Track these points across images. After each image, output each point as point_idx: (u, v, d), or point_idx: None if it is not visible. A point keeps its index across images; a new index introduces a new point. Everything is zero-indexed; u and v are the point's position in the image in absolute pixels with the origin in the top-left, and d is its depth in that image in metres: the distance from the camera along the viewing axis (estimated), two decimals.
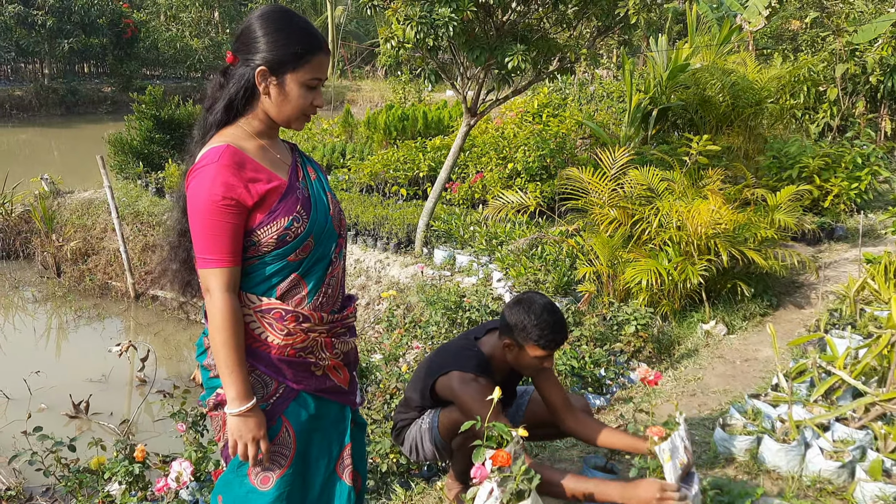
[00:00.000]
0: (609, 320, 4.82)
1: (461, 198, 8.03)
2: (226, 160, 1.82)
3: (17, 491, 4.41)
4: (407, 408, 2.83)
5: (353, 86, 26.95)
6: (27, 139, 19.63)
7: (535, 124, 9.23)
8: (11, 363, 6.66)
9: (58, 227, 9.27)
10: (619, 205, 5.54)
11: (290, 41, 1.88)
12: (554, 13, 6.40)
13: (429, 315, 4.82)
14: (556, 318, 2.54)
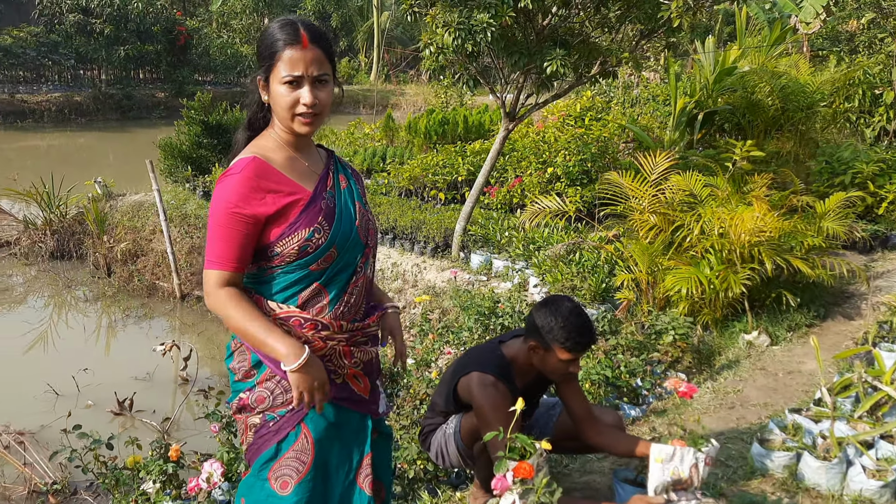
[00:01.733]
0: (647, 329, 4.73)
1: (499, 202, 8.00)
2: (248, 172, 1.87)
3: (62, 485, 4.54)
4: (433, 413, 2.82)
5: (398, 90, 27.13)
6: (85, 143, 20.25)
7: (577, 128, 9.14)
8: (63, 360, 6.85)
9: (109, 228, 9.53)
10: (659, 211, 5.43)
11: (263, 45, 1.90)
12: (596, 17, 6.33)
13: (462, 320, 4.79)
14: (583, 321, 2.51)
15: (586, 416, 2.65)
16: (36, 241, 9.72)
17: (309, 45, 1.85)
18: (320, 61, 1.87)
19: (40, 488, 4.56)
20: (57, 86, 24.53)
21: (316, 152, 2.09)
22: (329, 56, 1.91)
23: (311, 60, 1.85)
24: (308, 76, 1.86)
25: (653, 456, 2.41)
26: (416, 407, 3.56)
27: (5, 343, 7.31)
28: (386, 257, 7.23)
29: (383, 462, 2.22)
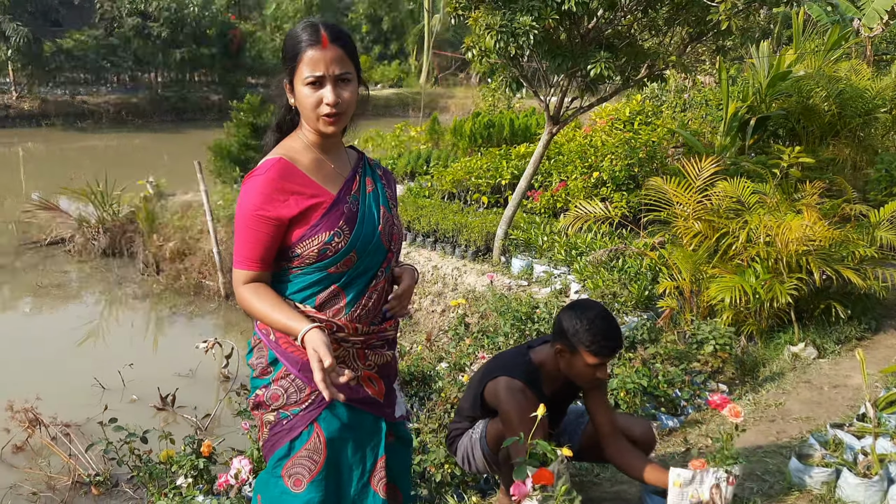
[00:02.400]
0: (688, 338, 4.63)
1: (542, 206, 7.93)
2: (272, 173, 1.88)
3: (104, 477, 4.66)
4: (460, 417, 2.81)
5: (447, 93, 27.20)
6: (140, 144, 20.81)
7: (626, 132, 9.01)
8: (111, 355, 7.01)
9: (159, 227, 9.75)
10: (704, 217, 5.31)
11: (286, 47, 1.92)
12: (643, 19, 6.23)
13: (499, 325, 4.76)
14: (610, 325, 2.47)
15: (609, 432, 2.60)
16: (90, 239, 10.02)
17: (329, 45, 1.85)
18: (341, 60, 1.87)
19: (84, 479, 4.68)
20: (115, 88, 25.31)
21: (345, 154, 2.08)
22: (351, 55, 1.91)
23: (332, 60, 1.85)
24: (330, 75, 1.86)
25: (671, 480, 2.35)
26: (446, 411, 3.54)
27: (60, 337, 7.55)
28: (427, 260, 7.23)
29: (400, 466, 2.20)
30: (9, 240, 10.61)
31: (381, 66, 32.48)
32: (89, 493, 4.61)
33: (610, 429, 2.61)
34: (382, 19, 33.74)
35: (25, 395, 5.09)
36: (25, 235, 10.63)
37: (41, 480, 4.77)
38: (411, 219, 7.75)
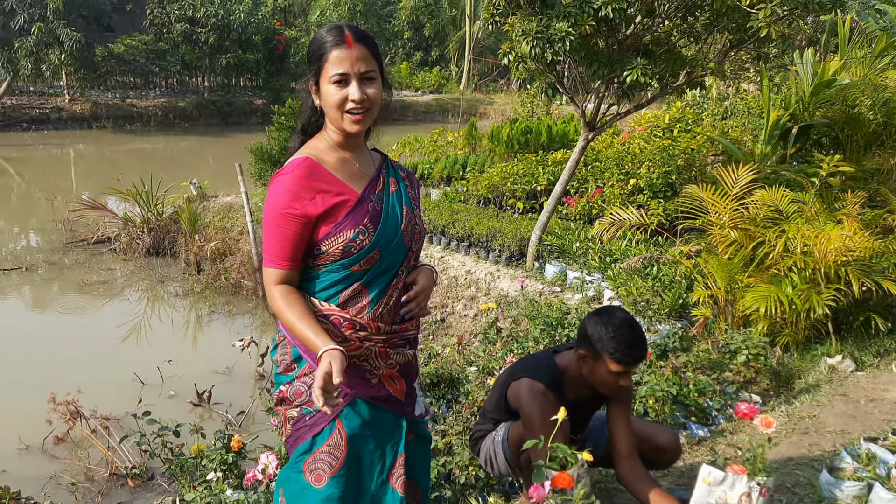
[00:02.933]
0: (721, 348, 4.57)
1: (578, 213, 7.90)
2: (299, 172, 1.93)
3: (140, 470, 4.77)
4: (484, 419, 2.83)
5: (486, 99, 27.21)
6: (186, 146, 21.25)
7: (664, 139, 8.94)
8: (151, 351, 7.18)
9: (201, 228, 9.95)
10: (740, 226, 5.25)
11: (312, 49, 1.97)
12: (682, 26, 6.18)
13: (529, 330, 4.76)
14: (635, 332, 2.46)
15: (624, 451, 2.57)
16: (134, 238, 10.27)
17: (354, 44, 1.91)
18: (366, 59, 1.92)
19: (120, 471, 4.80)
20: (163, 91, 25.89)
21: (369, 155, 2.13)
22: (375, 55, 1.96)
23: (357, 58, 1.91)
24: (355, 73, 1.91)
25: (701, 476, 2.33)
26: (473, 413, 3.56)
27: (103, 332, 7.76)
28: (460, 265, 7.26)
29: (420, 464, 2.23)
30: (58, 237, 10.93)
31: (422, 72, 32.64)
32: (126, 486, 4.73)
33: (626, 448, 2.59)
34: (424, 26, 33.90)
35: (68, 388, 5.24)
36: (74, 234, 10.95)
37: (80, 471, 4.90)
38: (446, 223, 7.79)
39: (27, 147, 19.89)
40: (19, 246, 11.21)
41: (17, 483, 3.95)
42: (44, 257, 10.12)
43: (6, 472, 4.84)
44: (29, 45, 20.36)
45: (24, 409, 5.52)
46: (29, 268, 9.57)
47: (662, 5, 5.81)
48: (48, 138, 21.11)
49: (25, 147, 19.86)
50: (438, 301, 7.06)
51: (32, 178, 16.41)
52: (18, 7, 20.42)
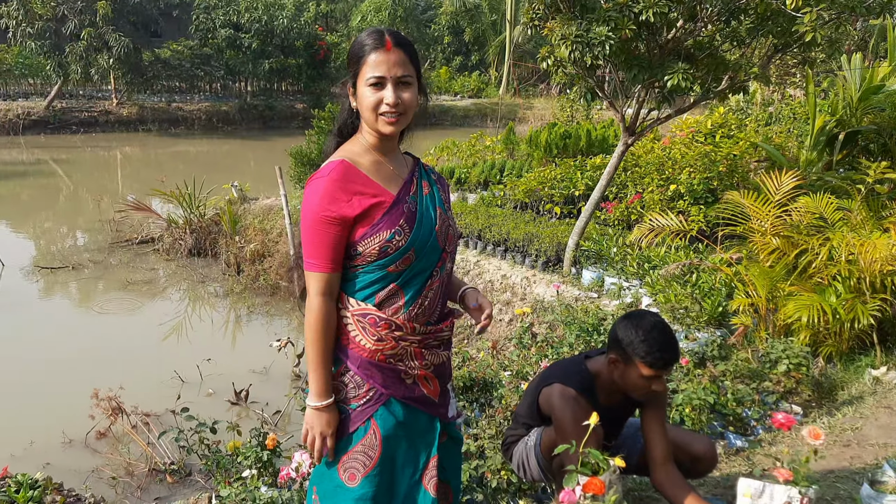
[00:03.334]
0: (761, 357, 4.49)
1: (616, 218, 7.83)
2: (335, 175, 1.95)
3: (179, 466, 4.86)
4: (516, 424, 2.81)
5: (525, 104, 27.15)
6: (229, 150, 21.61)
7: (706, 145, 8.82)
8: (191, 350, 7.31)
9: (241, 229, 10.12)
10: (782, 233, 5.15)
11: (351, 52, 1.99)
12: (726, 30, 6.09)
13: (565, 335, 4.73)
14: (666, 336, 2.43)
15: (660, 457, 2.53)
16: (177, 239, 10.48)
17: (392, 48, 1.93)
18: (403, 63, 1.94)
19: (159, 467, 4.90)
20: (207, 96, 26.37)
21: (402, 158, 2.15)
22: (413, 60, 1.98)
23: (395, 62, 1.93)
24: (391, 77, 1.93)
25: (740, 490, 2.28)
26: (506, 418, 3.55)
27: (145, 331, 7.92)
28: (496, 269, 7.25)
29: (453, 466, 2.24)
30: (104, 237, 11.21)
31: (461, 76, 32.71)
32: (164, 481, 4.81)
33: (662, 454, 2.55)
34: (464, 31, 33.98)
35: (110, 384, 5.36)
36: (119, 234, 11.21)
37: (120, 466, 5.01)
38: (482, 227, 7.79)
39: (76, 149, 20.43)
40: (67, 245, 11.52)
41: (59, 475, 4.05)
42: (90, 256, 10.38)
43: (50, 464, 4.97)
44: (79, 50, 20.93)
45: (68, 405, 5.68)
46: (76, 266, 9.83)
47: (705, 9, 5.74)
48: (96, 141, 21.66)
49: (74, 149, 20.41)
50: None
51: (80, 179, 16.86)
52: (69, 13, 20.99)
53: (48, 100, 22.50)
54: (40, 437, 5.35)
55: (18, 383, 6.38)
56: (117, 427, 5.36)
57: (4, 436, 5.35)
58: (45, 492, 3.36)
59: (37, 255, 10.64)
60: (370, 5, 28.73)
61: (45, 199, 14.87)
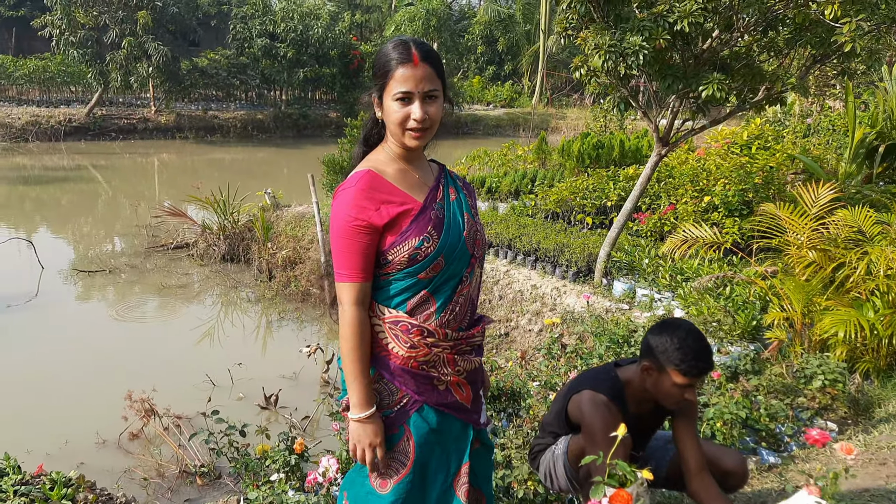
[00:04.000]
0: (796, 372, 4.40)
1: (649, 229, 7.76)
2: (362, 185, 1.96)
3: (209, 468, 4.91)
4: (544, 432, 2.80)
5: (558, 114, 27.10)
6: (263, 157, 21.89)
7: (742, 156, 8.71)
8: (223, 354, 7.38)
9: (273, 236, 10.22)
10: (819, 247, 5.05)
11: (378, 64, 1.99)
12: (763, 40, 6.01)
13: (595, 347, 4.69)
14: (701, 344, 2.40)
15: (695, 467, 2.49)
16: (211, 244, 10.62)
17: (420, 63, 1.92)
18: (430, 78, 1.94)
19: (190, 469, 4.95)
20: (243, 104, 26.78)
21: (427, 165, 2.16)
22: (439, 73, 1.98)
23: (422, 77, 1.92)
24: (419, 92, 1.93)
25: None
26: (533, 428, 3.52)
27: (179, 334, 8.03)
28: (526, 279, 7.22)
29: (484, 473, 2.24)
30: (140, 242, 11.41)
31: (493, 86, 32.76)
32: (194, 483, 4.86)
33: (696, 463, 2.51)
34: (498, 40, 34.05)
35: (143, 386, 5.45)
36: (155, 239, 11.41)
37: (152, 467, 5.07)
38: (513, 237, 7.77)
39: (115, 155, 20.85)
40: (104, 249, 11.74)
41: (93, 475, 4.10)
42: (126, 261, 10.57)
43: (84, 464, 5.05)
44: (119, 58, 21.40)
45: (102, 406, 5.77)
46: (112, 270, 10.01)
47: (741, 19, 5.68)
48: (134, 147, 22.09)
49: (113, 155, 20.82)
50: (503, 315, 7.05)
51: (119, 184, 17.20)
52: (111, 22, 21.48)
53: (89, 107, 23.04)
54: (75, 436, 5.44)
55: (55, 384, 6.50)
56: (149, 429, 5.43)
57: (40, 435, 5.46)
58: (77, 490, 3.41)
59: (75, 259, 10.85)
60: (404, 15, 28.94)
61: (85, 204, 15.20)
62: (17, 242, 10.91)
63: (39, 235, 12.34)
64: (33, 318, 8.16)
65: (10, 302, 8.46)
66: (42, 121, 22.12)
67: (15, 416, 5.89)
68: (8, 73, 23.38)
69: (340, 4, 32.39)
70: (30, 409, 6.04)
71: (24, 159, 19.72)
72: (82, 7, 21.11)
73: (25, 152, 20.54)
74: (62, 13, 21.07)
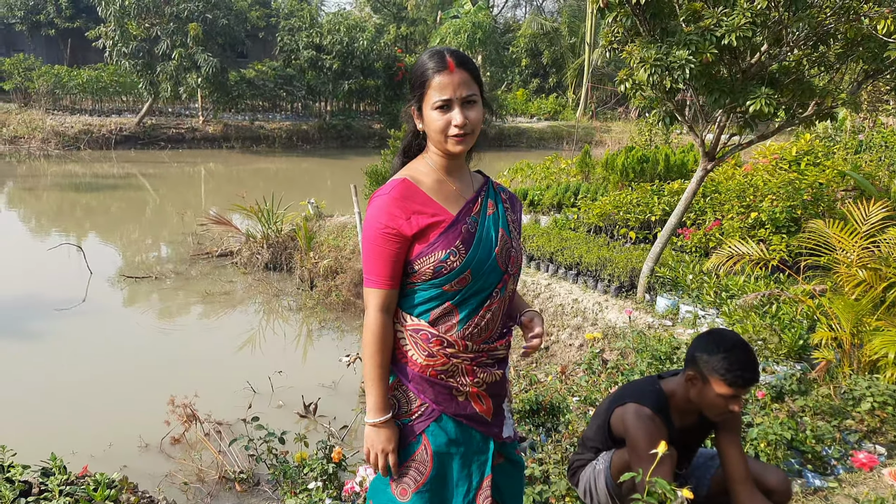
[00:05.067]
0: (844, 393, 4.28)
1: (693, 245, 7.64)
2: (396, 193, 1.98)
3: (248, 475, 4.95)
4: (584, 448, 2.76)
5: (603, 127, 26.93)
6: (307, 168, 22.18)
7: (790, 172, 8.54)
8: (264, 361, 7.47)
9: (316, 245, 10.33)
10: (870, 265, 4.92)
11: (414, 75, 2.01)
12: (813, 55, 5.90)
13: (637, 363, 4.63)
14: (748, 355, 2.36)
15: (741, 479, 2.45)
16: (254, 253, 10.78)
17: (456, 69, 1.94)
18: (467, 83, 1.96)
19: (229, 475, 5.00)
20: (289, 115, 27.22)
21: (469, 177, 2.16)
22: (476, 78, 1.99)
23: (459, 83, 1.94)
24: (457, 98, 1.94)
25: None
26: (573, 443, 3.49)
27: (222, 341, 8.15)
28: (567, 293, 7.17)
29: (511, 489, 2.21)
30: (186, 250, 11.64)
31: (537, 99, 32.71)
32: (233, 489, 4.91)
33: (742, 475, 2.46)
34: (542, 53, 34.04)
35: (186, 391, 5.53)
36: (200, 246, 11.62)
37: (192, 472, 5.13)
38: (554, 250, 7.73)
39: (163, 164, 21.34)
40: (151, 256, 12.00)
41: (135, 477, 4.18)
42: (172, 267, 10.78)
43: (127, 466, 5.14)
44: (170, 69, 21.95)
45: (146, 410, 5.87)
46: (158, 277, 10.22)
47: (791, 34, 5.58)
48: (182, 157, 22.60)
49: (162, 164, 21.32)
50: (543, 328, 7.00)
51: (166, 193, 17.59)
52: (162, 34, 22.07)
53: (139, 116, 23.67)
54: (119, 439, 5.55)
55: (100, 387, 6.65)
56: (191, 434, 5.51)
57: (85, 437, 5.58)
58: (120, 492, 3.48)
59: (123, 265, 11.12)
60: (449, 27, 29.11)
61: (133, 212, 15.57)
62: (68, 248, 11.22)
63: (89, 241, 12.67)
64: (81, 323, 8.36)
65: (59, 306, 8.70)
66: (94, 129, 22.80)
67: (62, 417, 6.04)
68: (63, 83, 24.16)
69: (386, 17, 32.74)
70: (76, 411, 6.18)
71: (76, 167, 20.31)
72: (135, 19, 21.73)
73: (77, 160, 21.16)
74: (116, 25, 21.72)
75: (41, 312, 8.54)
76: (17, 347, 7.52)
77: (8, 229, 13.61)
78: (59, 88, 24.43)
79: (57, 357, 7.33)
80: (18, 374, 6.84)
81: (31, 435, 5.53)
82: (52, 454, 3.60)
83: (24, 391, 6.47)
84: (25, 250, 11.86)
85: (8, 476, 3.30)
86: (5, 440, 3.70)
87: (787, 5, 5.12)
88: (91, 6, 25.73)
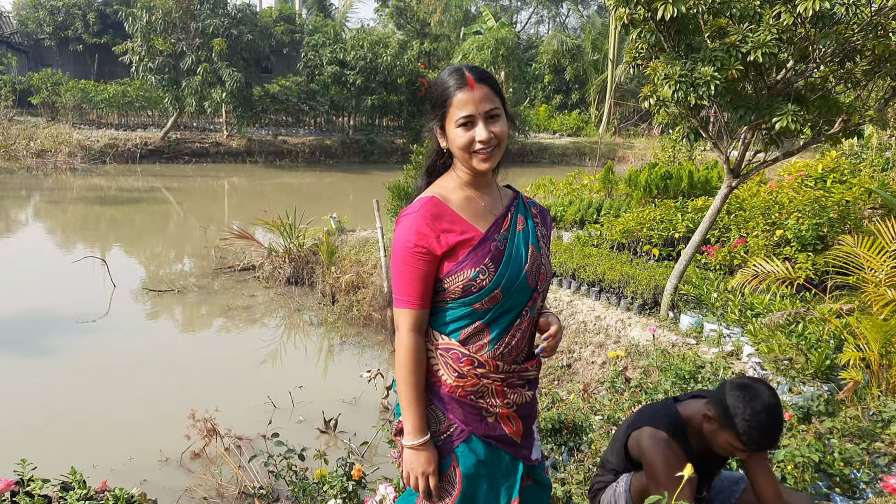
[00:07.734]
0: (873, 415, 4.19)
1: (718, 262, 7.55)
2: (424, 211, 1.96)
3: (267, 491, 4.93)
4: (604, 470, 2.73)
5: (626, 143, 26.84)
6: (330, 182, 22.30)
7: (816, 189, 8.43)
8: (285, 376, 7.47)
9: (337, 260, 10.35)
10: None
11: (435, 94, 2.00)
12: (840, 71, 5.83)
13: (660, 382, 4.57)
14: (773, 423, 2.29)
15: (772, 498, 2.39)
16: (276, 267, 10.83)
17: (476, 85, 1.93)
18: (489, 97, 1.94)
19: (249, 491, 4.98)
20: (312, 130, 27.42)
21: (497, 193, 2.13)
22: (497, 92, 1.97)
23: (481, 98, 1.93)
24: (480, 114, 1.93)
25: None
26: (595, 463, 3.44)
27: (243, 355, 8.17)
28: (590, 310, 7.11)
29: None
30: (209, 263, 11.72)
31: (560, 115, 32.70)
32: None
33: (773, 494, 2.41)
34: (565, 69, 34.06)
35: (206, 405, 5.53)
36: (223, 260, 11.70)
37: (212, 487, 5.12)
38: (577, 266, 7.68)
39: (187, 178, 21.58)
40: (173, 270, 12.10)
41: (154, 492, 4.19)
42: (195, 281, 10.86)
43: (147, 480, 5.15)
44: (195, 84, 22.25)
45: (166, 424, 5.89)
46: (181, 290, 10.29)
47: (817, 50, 5.52)
48: (206, 171, 22.83)
49: (186, 178, 21.56)
50: (565, 346, 6.93)
51: (190, 206, 17.77)
52: (188, 50, 22.40)
53: (164, 131, 23.99)
54: (139, 453, 5.56)
55: (121, 400, 6.69)
56: (211, 448, 5.50)
57: (105, 450, 5.60)
58: None
59: (145, 278, 11.22)
60: (473, 44, 29.22)
61: (157, 225, 15.73)
62: (92, 261, 11.34)
63: (112, 254, 12.80)
64: (103, 336, 8.43)
65: (82, 319, 8.78)
66: (120, 144, 23.12)
67: (83, 431, 6.08)
68: (90, 97, 24.56)
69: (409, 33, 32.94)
70: (97, 424, 6.22)
71: (102, 180, 20.59)
72: (161, 35, 22.08)
73: (103, 174, 21.45)
74: (142, 40, 22.10)
75: (64, 325, 8.62)
76: (40, 360, 7.60)
77: (34, 242, 13.81)
78: (86, 103, 24.82)
79: (79, 370, 7.39)
80: (40, 387, 6.90)
81: (53, 448, 5.57)
82: (71, 468, 3.61)
83: (46, 403, 6.52)
84: (50, 263, 12.02)
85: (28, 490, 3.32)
86: (26, 453, 3.72)
87: (813, 22, 5.07)
88: (118, 22, 26.17)
